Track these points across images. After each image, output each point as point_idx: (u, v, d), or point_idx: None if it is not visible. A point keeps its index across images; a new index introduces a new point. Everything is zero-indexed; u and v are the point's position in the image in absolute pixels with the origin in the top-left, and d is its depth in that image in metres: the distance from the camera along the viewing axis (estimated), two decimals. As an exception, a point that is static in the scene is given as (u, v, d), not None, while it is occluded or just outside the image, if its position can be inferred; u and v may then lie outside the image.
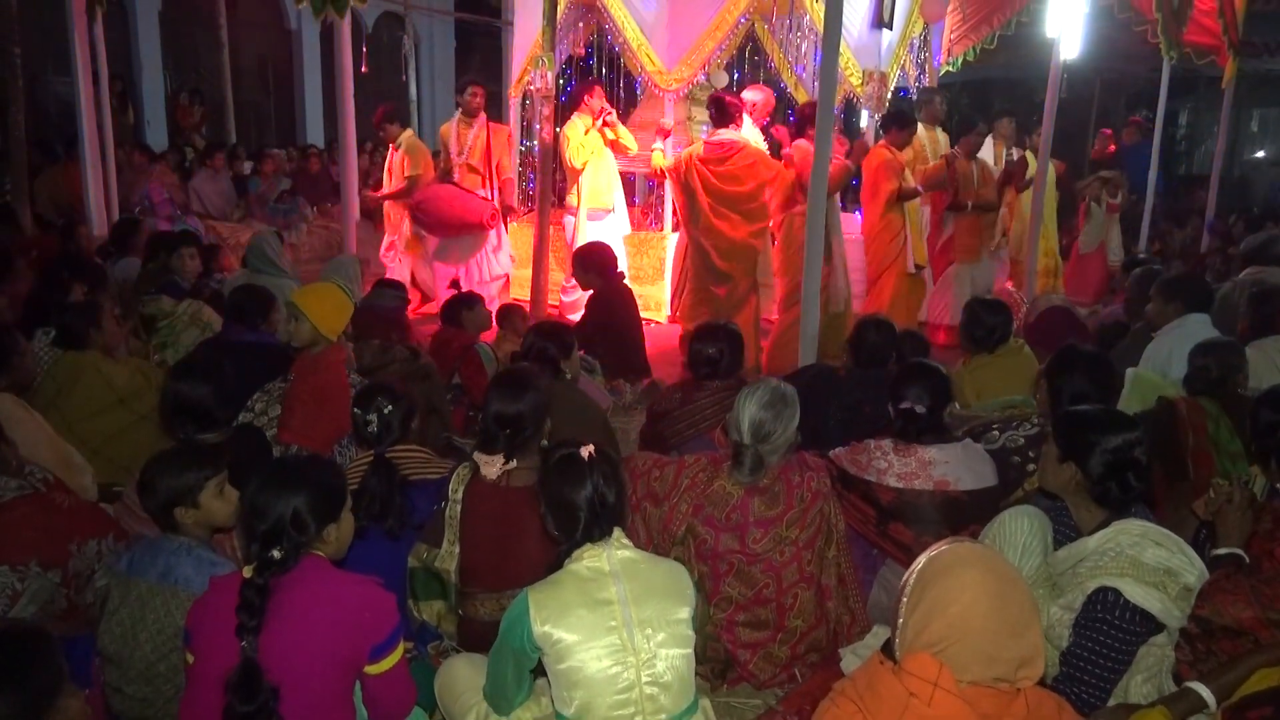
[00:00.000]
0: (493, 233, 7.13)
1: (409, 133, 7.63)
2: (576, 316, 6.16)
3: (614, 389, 5.23)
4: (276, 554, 2.00)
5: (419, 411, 3.09)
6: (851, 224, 7.50)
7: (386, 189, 7.59)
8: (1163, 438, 3.15)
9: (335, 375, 3.51)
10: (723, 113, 6.00)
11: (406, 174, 7.43)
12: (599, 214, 7.08)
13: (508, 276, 7.44)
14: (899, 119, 6.60)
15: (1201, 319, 4.04)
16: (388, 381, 3.18)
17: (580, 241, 6.65)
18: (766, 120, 7.36)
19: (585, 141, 6.77)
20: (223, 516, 2.47)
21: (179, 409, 3.01)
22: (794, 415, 2.66)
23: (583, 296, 5.89)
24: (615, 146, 6.98)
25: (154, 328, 4.84)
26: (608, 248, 5.80)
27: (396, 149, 7.51)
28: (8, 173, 7.97)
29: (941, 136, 7.48)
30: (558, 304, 7.36)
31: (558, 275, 7.34)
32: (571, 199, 7.18)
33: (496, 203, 7.11)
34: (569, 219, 7.12)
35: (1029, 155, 7.73)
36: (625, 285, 5.78)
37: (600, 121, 6.87)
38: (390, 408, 2.89)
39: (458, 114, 7.24)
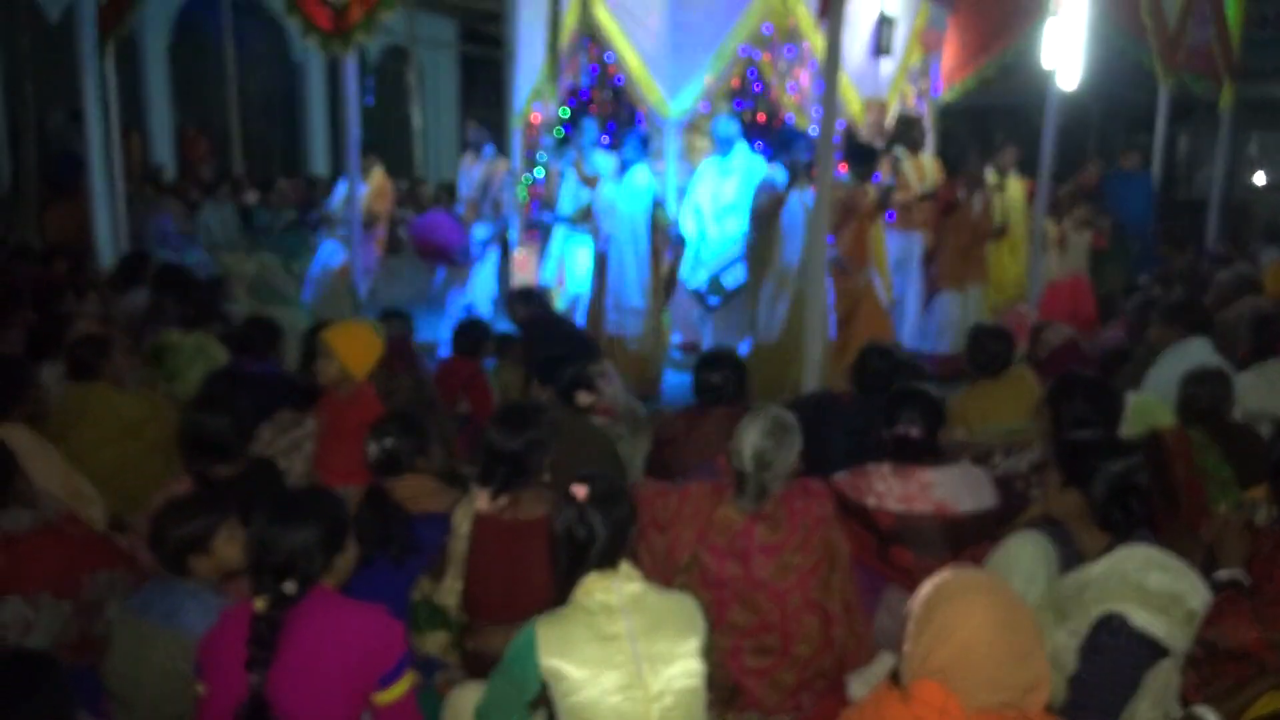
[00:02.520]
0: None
1: (379, 169, 7.78)
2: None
3: None
4: (290, 588, 2.02)
5: (433, 442, 3.10)
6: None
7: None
8: (1151, 469, 3.17)
9: (374, 411, 3.46)
10: None
11: (367, 208, 7.57)
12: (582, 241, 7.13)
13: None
14: (857, 157, 6.57)
15: (1203, 343, 4.07)
16: (406, 412, 3.18)
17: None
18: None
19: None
20: (237, 561, 2.45)
21: (198, 440, 3.03)
22: (795, 442, 2.68)
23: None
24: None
25: (161, 360, 4.87)
26: (535, 286, 6.05)
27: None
28: (18, 207, 8.06)
29: (928, 161, 7.46)
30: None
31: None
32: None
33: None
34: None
35: (991, 175, 7.67)
36: (552, 304, 5.92)
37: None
38: (393, 440, 2.90)
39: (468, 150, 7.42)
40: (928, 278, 7.05)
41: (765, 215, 5.93)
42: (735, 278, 6.53)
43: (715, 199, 6.80)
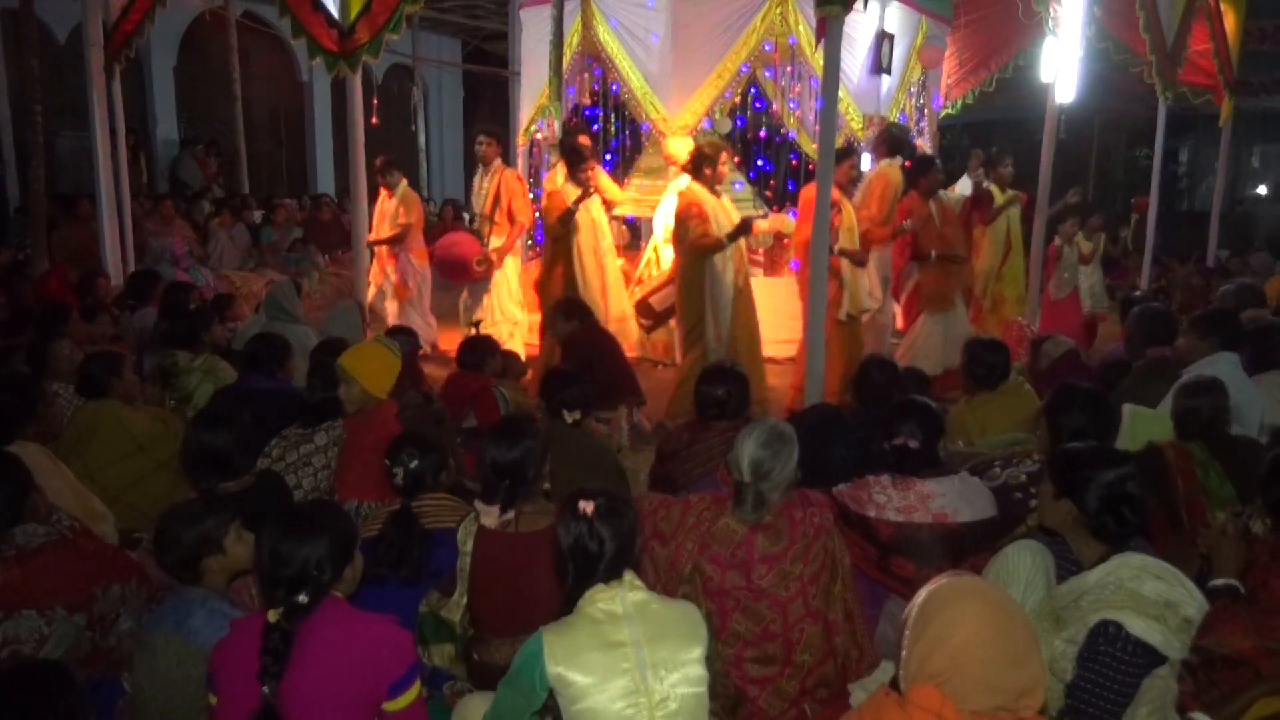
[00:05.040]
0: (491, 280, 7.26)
1: (405, 182, 7.87)
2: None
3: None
4: (304, 599, 2.06)
5: (448, 460, 3.14)
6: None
7: (376, 235, 7.76)
8: (1152, 485, 3.15)
9: (390, 429, 3.51)
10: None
11: (400, 221, 7.65)
12: None
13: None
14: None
15: (1232, 357, 4.04)
16: (421, 433, 3.21)
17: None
18: None
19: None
20: (246, 559, 2.52)
21: (202, 458, 3.08)
22: (793, 453, 2.72)
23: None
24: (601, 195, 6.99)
25: (170, 381, 4.91)
26: (581, 299, 5.96)
27: (391, 196, 7.71)
28: (27, 227, 8.15)
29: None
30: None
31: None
32: None
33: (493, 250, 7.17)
34: None
35: (994, 188, 7.59)
36: (598, 324, 5.86)
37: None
38: (417, 462, 2.95)
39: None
40: (904, 301, 6.90)
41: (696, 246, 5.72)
42: (665, 299, 6.57)
43: (662, 219, 6.89)
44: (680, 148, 6.76)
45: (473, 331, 6.67)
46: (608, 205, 6.99)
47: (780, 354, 6.88)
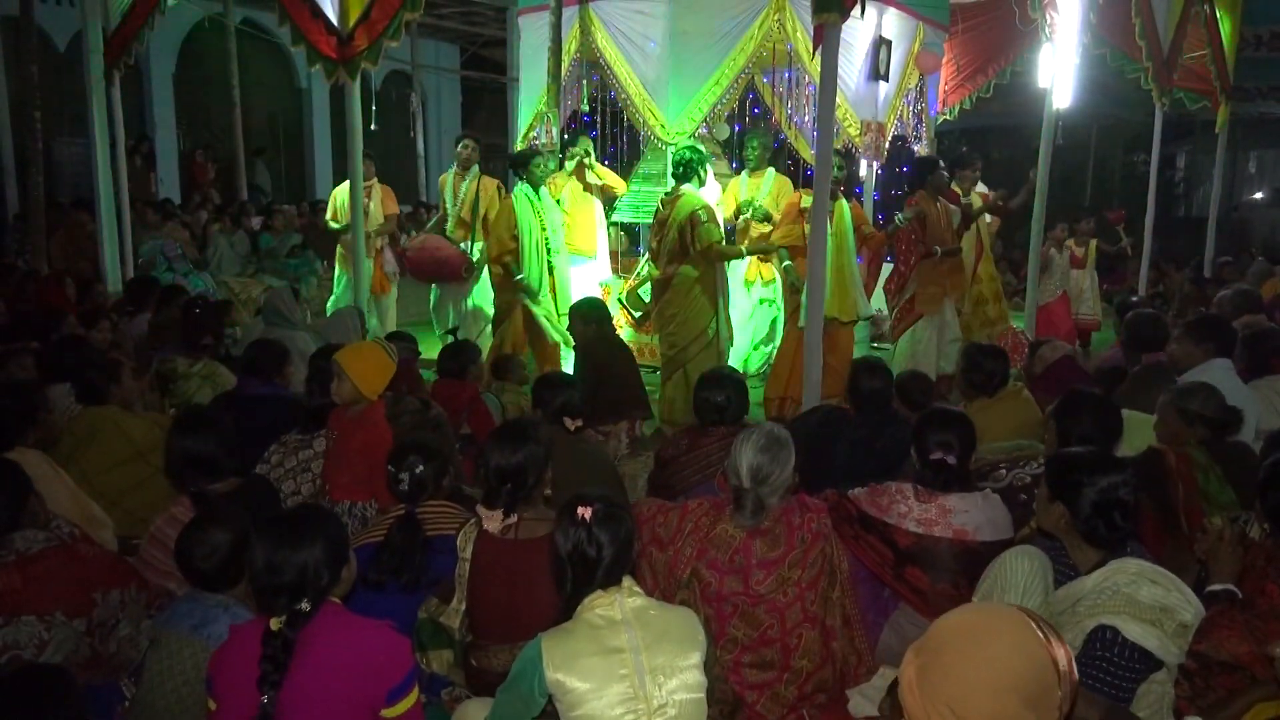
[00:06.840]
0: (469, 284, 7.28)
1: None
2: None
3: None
4: (306, 606, 2.06)
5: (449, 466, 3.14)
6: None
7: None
8: (1152, 490, 3.16)
9: (379, 431, 3.54)
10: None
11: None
12: (578, 259, 7.18)
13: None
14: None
15: (1225, 363, 4.07)
16: (424, 439, 3.21)
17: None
18: None
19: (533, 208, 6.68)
20: None
21: (186, 461, 3.08)
22: (790, 457, 2.73)
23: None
24: (604, 190, 7.03)
25: (169, 386, 4.92)
26: (603, 302, 5.93)
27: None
28: (26, 233, 8.16)
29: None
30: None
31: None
32: None
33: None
34: None
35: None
36: (615, 332, 5.85)
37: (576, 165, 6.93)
38: (422, 466, 2.95)
39: (454, 166, 7.46)
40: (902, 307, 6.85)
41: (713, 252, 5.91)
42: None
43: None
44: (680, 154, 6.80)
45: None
46: (609, 200, 7.04)
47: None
